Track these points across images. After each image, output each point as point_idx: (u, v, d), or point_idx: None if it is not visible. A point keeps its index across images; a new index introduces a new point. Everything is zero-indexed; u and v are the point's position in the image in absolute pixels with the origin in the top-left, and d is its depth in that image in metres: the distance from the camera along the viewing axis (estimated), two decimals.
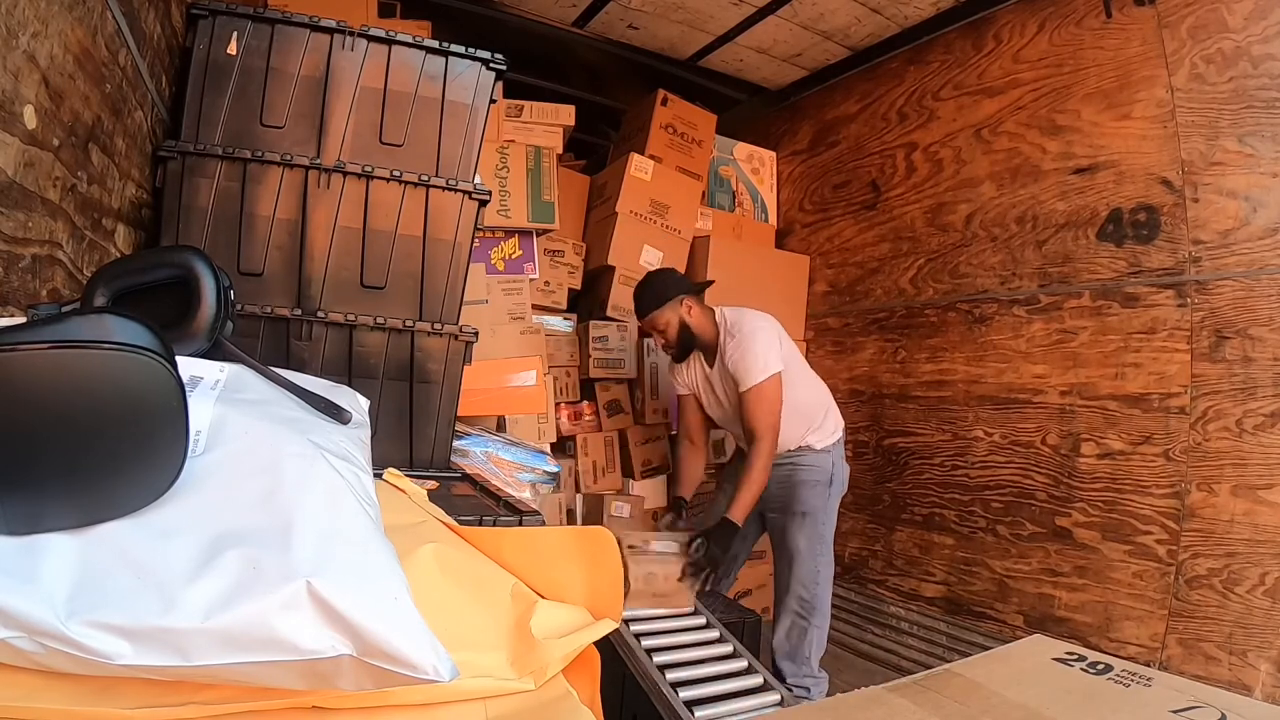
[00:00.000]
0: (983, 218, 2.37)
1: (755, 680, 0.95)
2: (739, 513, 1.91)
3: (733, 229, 2.97)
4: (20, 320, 0.61)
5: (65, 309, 0.66)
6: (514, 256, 2.42)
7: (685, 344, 2.09)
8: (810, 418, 2.09)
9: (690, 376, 2.18)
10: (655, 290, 2.07)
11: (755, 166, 3.15)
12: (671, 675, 0.93)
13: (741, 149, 3.13)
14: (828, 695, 2.11)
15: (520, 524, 1.12)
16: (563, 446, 2.67)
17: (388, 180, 1.34)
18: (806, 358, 2.95)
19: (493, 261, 2.38)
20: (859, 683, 0.73)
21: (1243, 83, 1.75)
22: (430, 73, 1.36)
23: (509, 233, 2.41)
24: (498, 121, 2.36)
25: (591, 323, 2.68)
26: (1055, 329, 2.13)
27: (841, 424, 2.16)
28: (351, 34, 1.31)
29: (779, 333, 2.06)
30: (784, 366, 1.98)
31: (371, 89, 1.33)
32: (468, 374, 1.46)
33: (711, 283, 2.32)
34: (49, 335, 0.46)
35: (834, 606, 2.69)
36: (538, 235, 2.49)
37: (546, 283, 2.58)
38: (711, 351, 2.08)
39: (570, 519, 2.60)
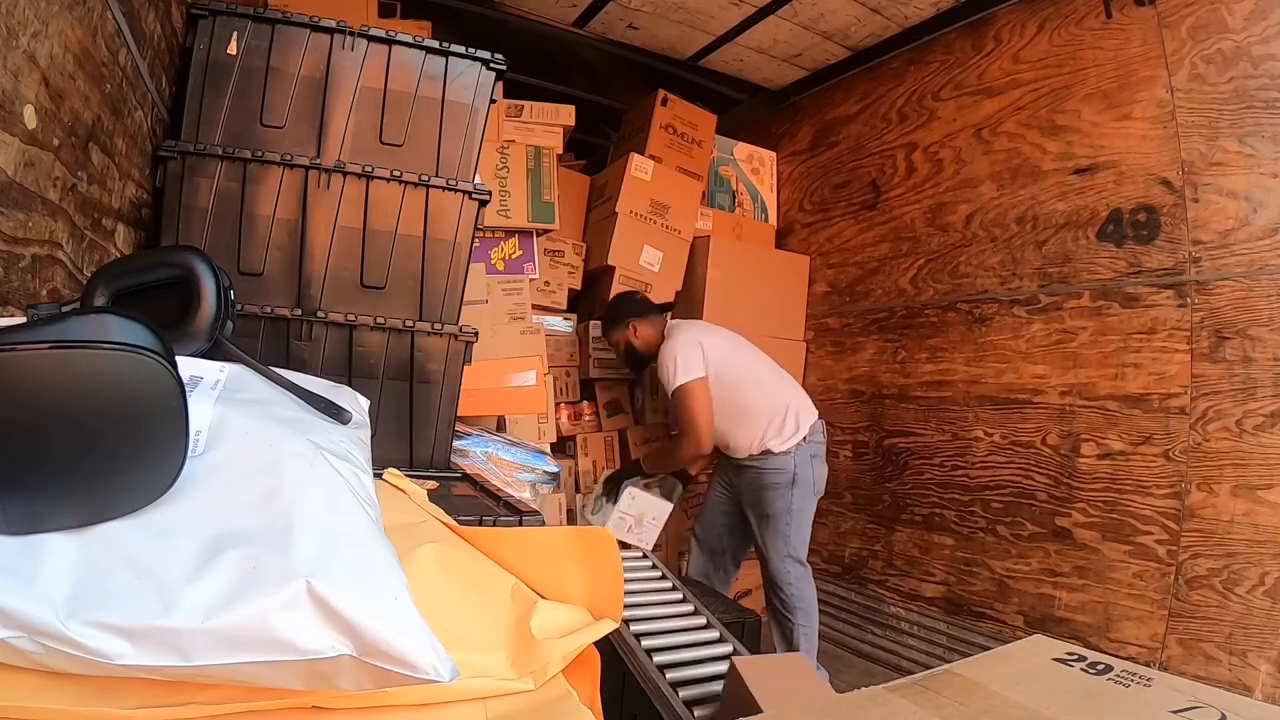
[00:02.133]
0: (983, 218, 2.37)
1: None
2: (648, 459, 2.29)
3: (733, 229, 2.97)
4: (20, 320, 0.61)
5: (65, 309, 0.66)
6: (514, 256, 2.42)
7: (632, 360, 2.40)
8: (764, 421, 2.16)
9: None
10: (609, 314, 2.41)
11: (755, 166, 3.15)
12: (671, 675, 0.93)
13: (741, 149, 3.13)
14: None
15: (520, 524, 1.12)
16: (563, 446, 2.67)
17: (388, 180, 1.34)
18: (806, 358, 2.98)
19: (493, 261, 2.38)
20: (859, 683, 0.73)
21: (1243, 83, 1.75)
22: (430, 73, 1.36)
23: (509, 233, 2.40)
24: (498, 121, 2.36)
25: (591, 323, 2.68)
26: (1055, 329, 2.13)
27: (811, 423, 2.21)
28: (351, 34, 1.31)
29: (703, 342, 2.20)
30: (710, 373, 2.16)
31: (371, 89, 1.33)
32: (468, 374, 1.46)
33: (672, 305, 2.46)
34: (49, 335, 0.46)
35: (834, 606, 2.71)
36: (538, 235, 2.49)
37: (546, 283, 2.58)
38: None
39: (570, 519, 2.60)
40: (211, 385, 0.65)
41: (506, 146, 2.37)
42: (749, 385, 2.20)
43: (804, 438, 2.17)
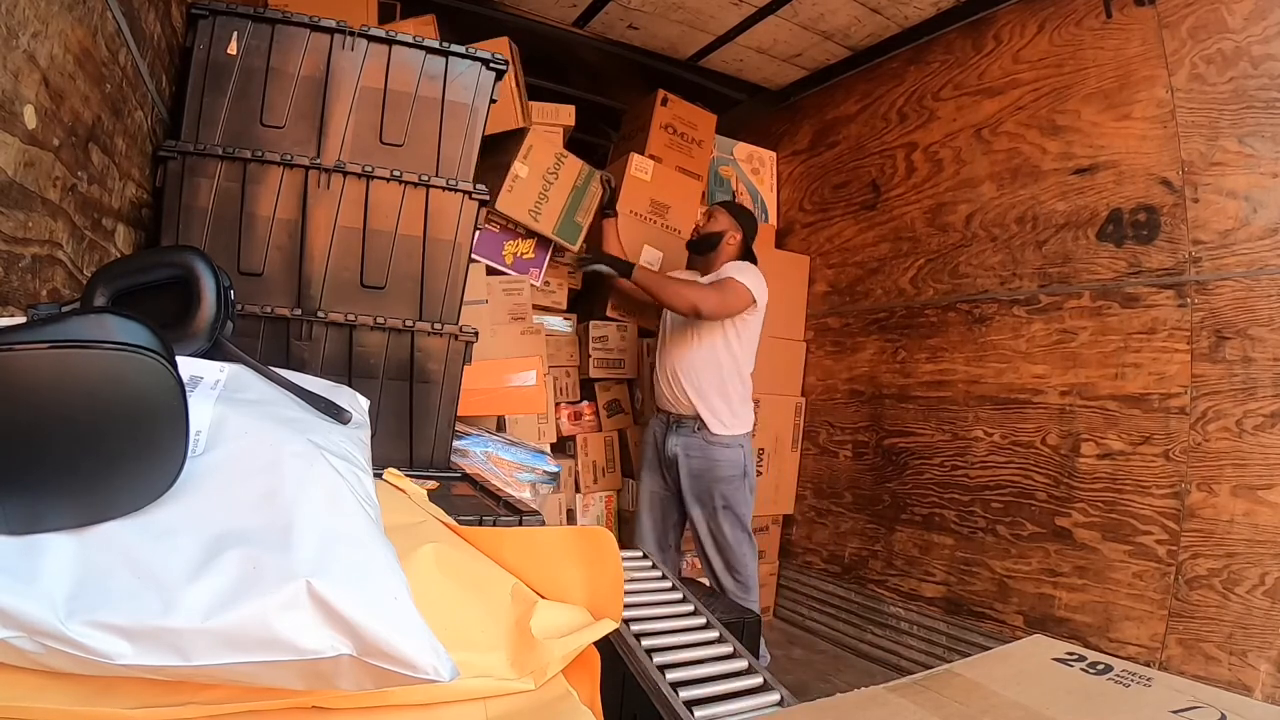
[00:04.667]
0: (983, 218, 2.37)
1: (755, 680, 0.95)
2: (638, 272, 2.25)
3: None
4: (20, 320, 0.61)
5: (65, 309, 0.66)
6: (525, 256, 2.40)
7: (703, 244, 2.40)
8: (730, 391, 2.28)
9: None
10: (738, 210, 2.47)
11: (755, 166, 3.15)
12: (671, 675, 0.93)
13: (741, 149, 3.13)
14: (828, 696, 2.12)
15: (520, 524, 1.12)
16: (563, 446, 2.67)
17: (388, 180, 1.34)
18: (806, 358, 2.98)
19: (503, 253, 2.36)
20: (859, 683, 0.73)
21: (1243, 83, 1.75)
22: (430, 73, 1.36)
23: (529, 233, 2.39)
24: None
25: (591, 323, 2.68)
26: (1055, 329, 2.13)
27: (754, 421, 2.38)
28: (351, 34, 1.31)
29: (765, 300, 2.29)
30: (747, 331, 2.28)
31: (371, 89, 1.33)
32: (468, 374, 1.46)
33: (755, 260, 2.46)
34: (49, 335, 0.46)
35: (834, 606, 2.72)
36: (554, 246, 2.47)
37: (547, 283, 2.58)
38: (705, 272, 2.40)
39: (570, 519, 2.60)
40: (211, 385, 0.65)
41: (564, 156, 2.37)
42: (745, 355, 2.32)
43: (747, 431, 2.31)
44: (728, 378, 2.28)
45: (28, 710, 0.45)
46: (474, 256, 2.22)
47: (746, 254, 2.39)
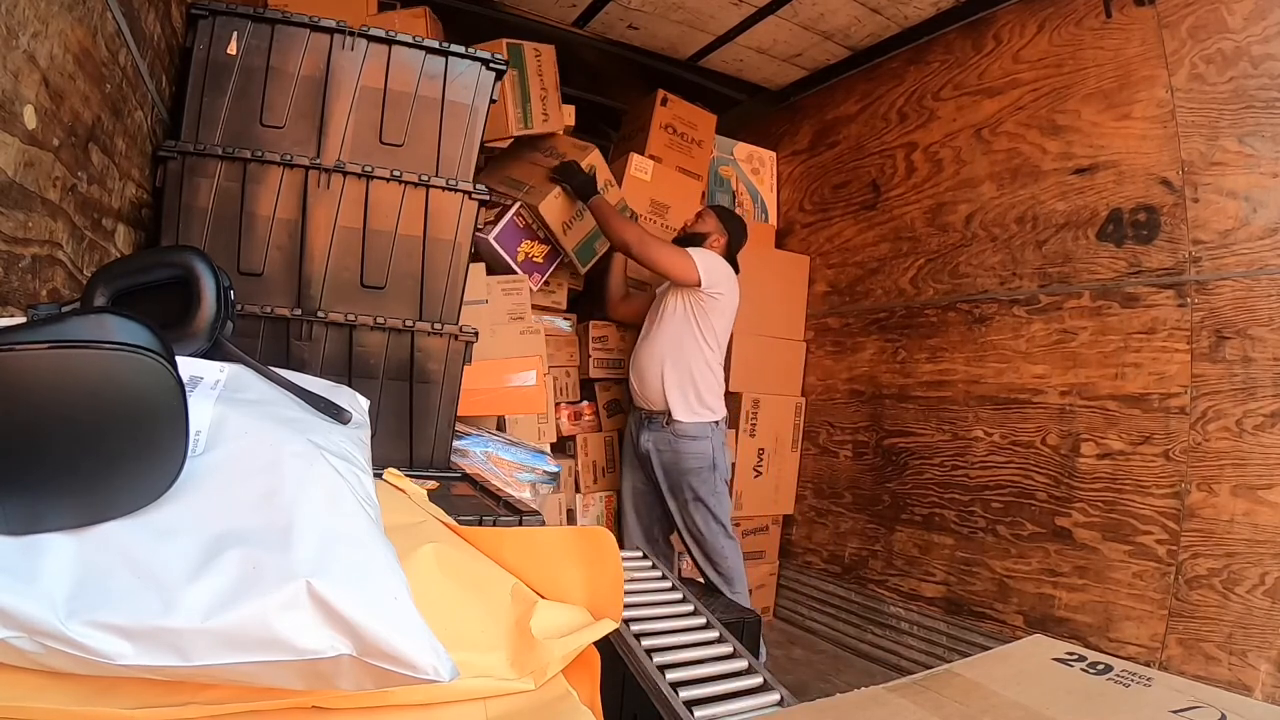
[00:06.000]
0: (983, 218, 2.37)
1: (755, 680, 0.95)
2: (596, 199, 2.25)
3: None
4: (20, 320, 0.61)
5: (65, 309, 0.66)
6: (535, 259, 2.39)
7: (687, 241, 2.41)
8: (698, 380, 2.31)
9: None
10: (727, 216, 2.52)
11: (755, 166, 3.15)
12: (671, 675, 0.93)
13: (741, 149, 3.13)
14: (828, 696, 2.12)
15: (520, 524, 1.12)
16: (563, 446, 2.67)
17: (388, 180, 1.34)
18: (806, 358, 2.98)
19: (518, 249, 2.34)
20: (859, 683, 0.73)
21: (1243, 83, 1.75)
22: (430, 72, 1.36)
23: (545, 239, 2.38)
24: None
25: (591, 323, 2.68)
26: (1055, 329, 2.13)
27: (725, 414, 2.40)
28: (351, 34, 1.31)
29: (732, 295, 2.33)
30: (714, 309, 2.30)
31: (371, 89, 1.33)
32: (468, 374, 1.46)
33: (738, 269, 2.48)
34: (49, 335, 0.46)
35: (834, 606, 2.72)
36: (564, 260, 2.48)
37: (547, 283, 2.57)
38: None
39: (570, 519, 2.60)
40: (211, 385, 0.65)
41: (611, 184, 2.40)
42: (713, 349, 2.35)
43: (715, 421, 2.33)
44: (694, 366, 2.31)
45: (28, 710, 0.45)
46: (494, 242, 2.23)
47: (728, 260, 2.41)
